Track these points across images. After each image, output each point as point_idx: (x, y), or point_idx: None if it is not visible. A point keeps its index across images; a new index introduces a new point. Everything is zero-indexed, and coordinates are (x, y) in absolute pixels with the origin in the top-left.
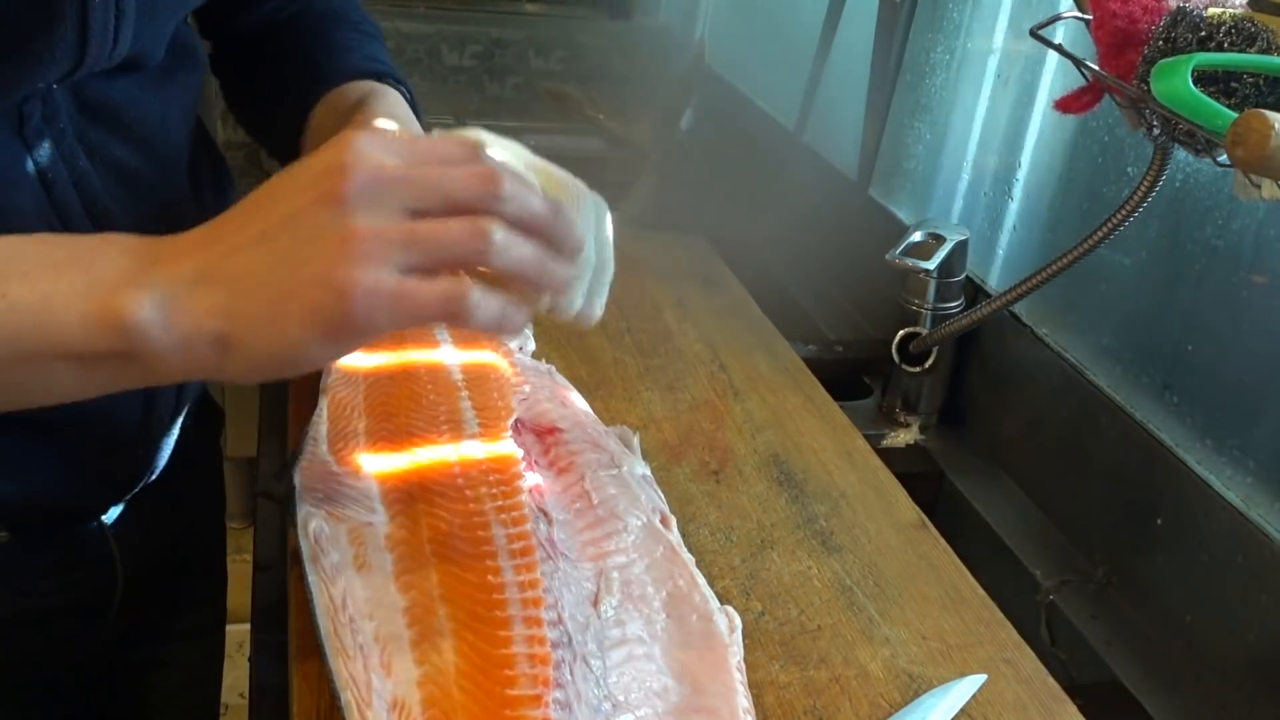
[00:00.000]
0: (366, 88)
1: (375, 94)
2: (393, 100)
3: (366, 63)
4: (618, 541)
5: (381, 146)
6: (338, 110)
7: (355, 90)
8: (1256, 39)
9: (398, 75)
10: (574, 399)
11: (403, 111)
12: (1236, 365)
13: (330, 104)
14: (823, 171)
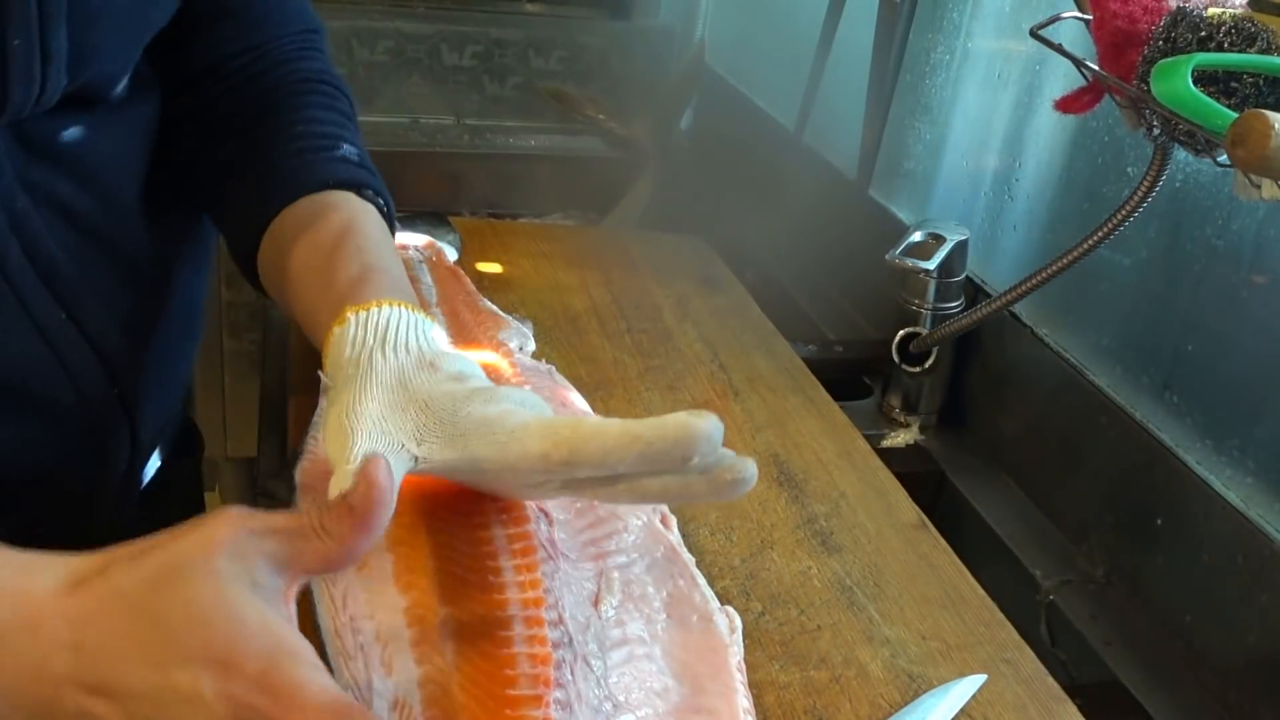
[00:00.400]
0: (348, 216)
1: (356, 231)
2: (381, 237)
3: (348, 168)
4: (618, 541)
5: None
6: (317, 239)
7: (336, 214)
8: (1256, 39)
9: (375, 184)
10: (574, 399)
11: (387, 253)
12: (1236, 365)
13: (303, 228)
14: (823, 171)
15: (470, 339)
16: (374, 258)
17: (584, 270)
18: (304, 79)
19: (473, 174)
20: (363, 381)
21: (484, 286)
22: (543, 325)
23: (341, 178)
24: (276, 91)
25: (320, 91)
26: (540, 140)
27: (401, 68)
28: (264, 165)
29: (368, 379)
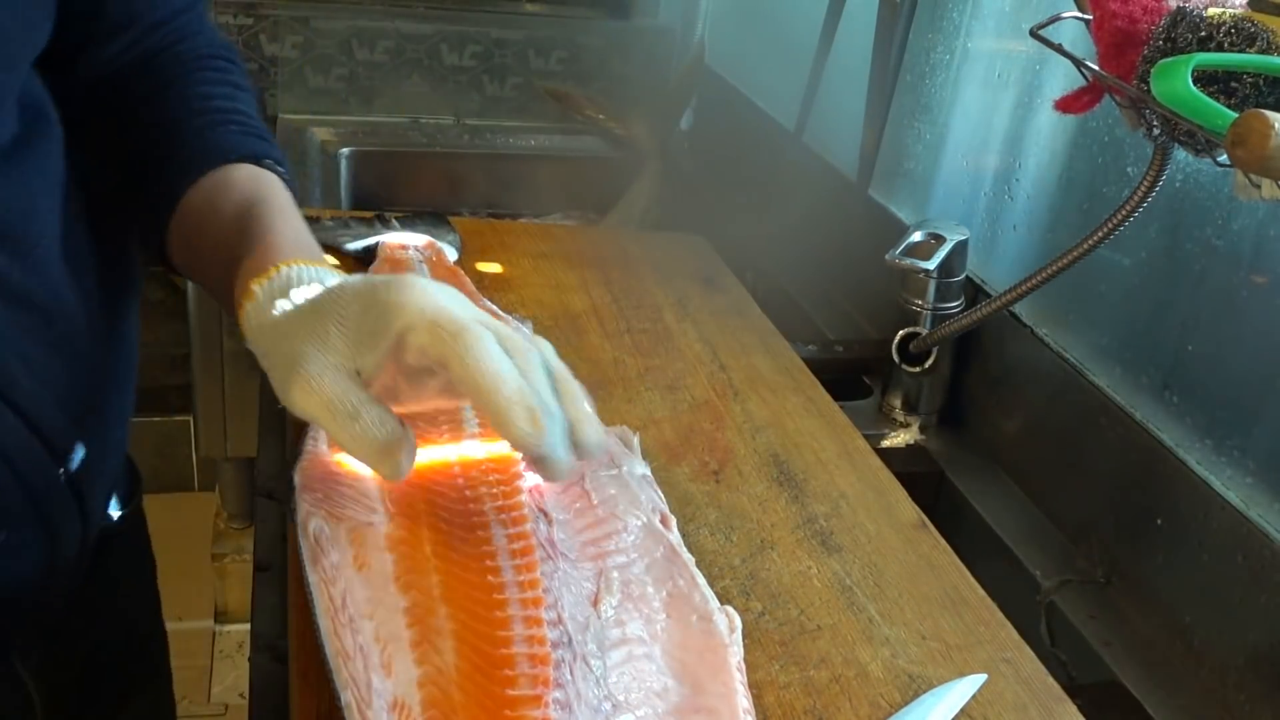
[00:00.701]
0: (250, 188)
1: (265, 202)
2: (284, 203)
3: (246, 140)
4: (618, 541)
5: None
6: (221, 215)
7: (237, 188)
8: (1256, 39)
9: (276, 154)
10: None
11: (295, 221)
12: (1236, 365)
13: (209, 200)
14: (823, 171)
15: None
16: (275, 226)
17: (584, 270)
18: (194, 57)
19: (473, 174)
20: (289, 330)
21: (484, 286)
22: (543, 325)
23: (242, 152)
24: (166, 75)
25: (211, 67)
26: (540, 140)
27: (401, 68)
28: (164, 150)
29: (295, 328)
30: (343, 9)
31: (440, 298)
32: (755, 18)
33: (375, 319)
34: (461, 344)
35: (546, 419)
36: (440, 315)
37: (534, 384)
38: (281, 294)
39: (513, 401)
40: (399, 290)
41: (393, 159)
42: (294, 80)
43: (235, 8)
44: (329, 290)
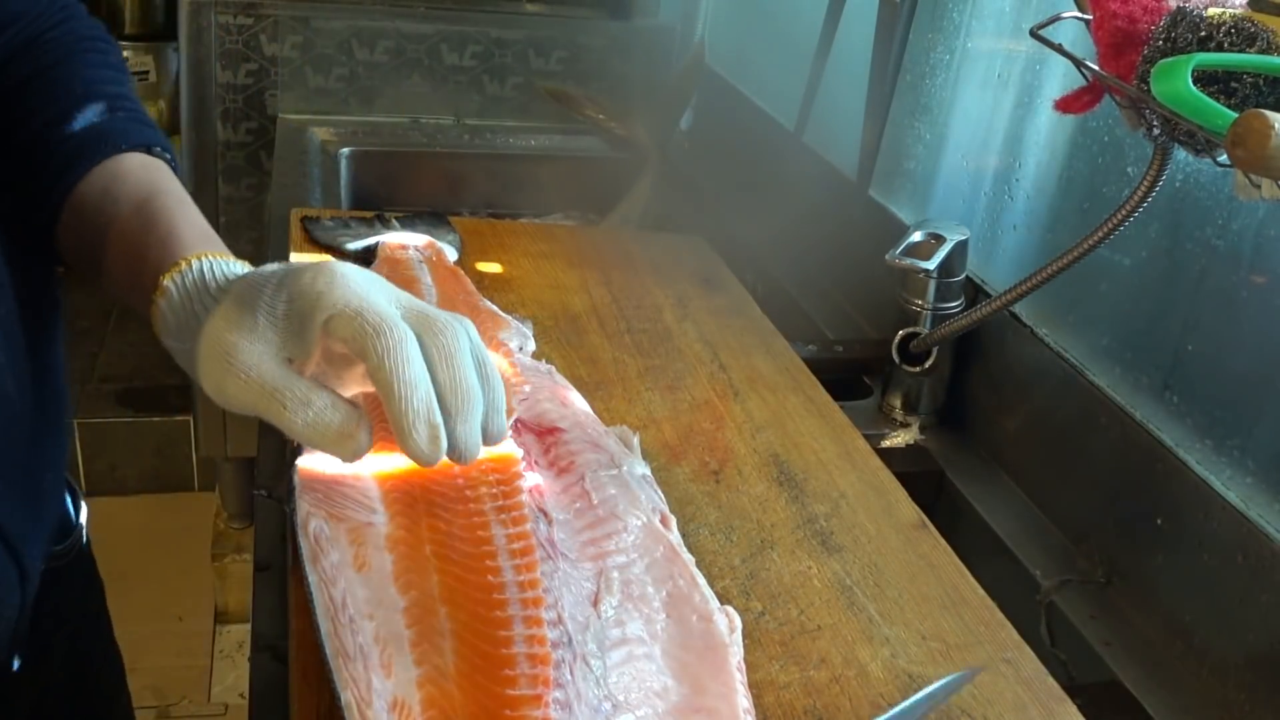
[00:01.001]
0: (145, 177)
1: (164, 193)
2: (180, 194)
3: (135, 128)
4: (618, 541)
5: None
6: (119, 206)
7: (132, 177)
8: (1256, 39)
9: (163, 141)
10: (574, 399)
11: (195, 214)
12: (1236, 365)
13: (106, 190)
14: (823, 171)
15: None
16: (177, 218)
17: (584, 270)
18: (72, 40)
19: (473, 174)
20: (213, 324)
21: (484, 286)
22: (543, 325)
23: (134, 140)
24: (45, 60)
25: (92, 49)
26: (540, 140)
27: (401, 68)
28: (51, 138)
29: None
30: (343, 9)
31: (364, 286)
32: (755, 18)
33: (302, 307)
34: (381, 343)
35: (461, 423)
36: (364, 307)
37: (457, 372)
38: (195, 287)
39: (418, 415)
40: (324, 278)
41: (393, 159)
42: (294, 80)
43: (235, 8)
44: (248, 279)
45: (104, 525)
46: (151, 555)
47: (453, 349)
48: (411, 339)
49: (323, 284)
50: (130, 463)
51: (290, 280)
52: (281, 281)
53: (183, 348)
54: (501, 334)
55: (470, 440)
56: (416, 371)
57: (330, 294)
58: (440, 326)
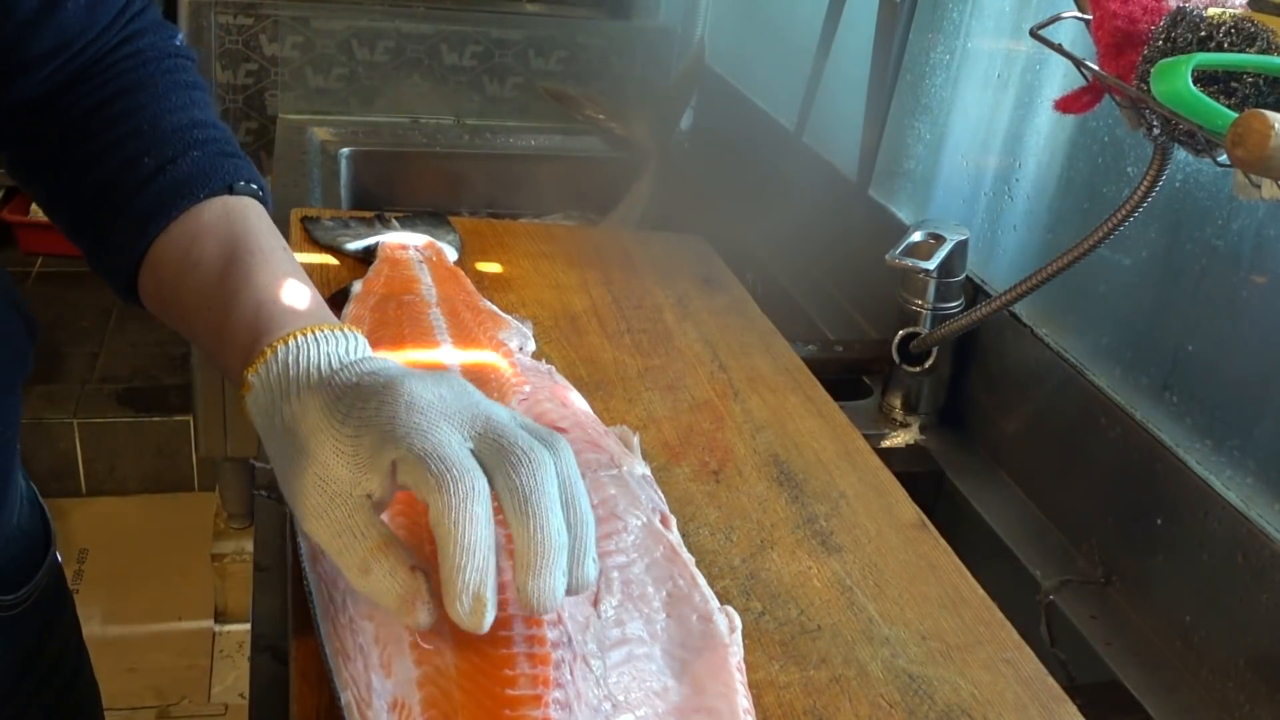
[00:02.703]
0: (225, 231)
1: (245, 250)
2: (263, 244)
3: (213, 166)
4: (617, 541)
5: None
6: (201, 270)
7: (212, 234)
8: (1256, 39)
9: (244, 170)
10: (574, 399)
11: (278, 263)
12: (1236, 365)
13: (185, 253)
14: (823, 172)
15: (470, 339)
16: (259, 283)
17: (584, 270)
18: (140, 65)
19: (473, 174)
20: (291, 448)
21: (484, 286)
22: (543, 325)
23: (212, 187)
24: (112, 88)
25: (166, 71)
26: (540, 140)
27: (401, 68)
28: (122, 189)
29: (295, 447)
30: (343, 9)
31: (434, 416)
32: (755, 18)
33: (371, 441)
34: (443, 499)
35: (533, 578)
36: (430, 450)
37: (535, 520)
38: (279, 385)
39: (466, 588)
40: (389, 406)
41: (393, 159)
42: (294, 80)
43: (235, 8)
44: (328, 394)
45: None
46: (151, 555)
47: (531, 490)
48: (481, 491)
49: (387, 415)
50: (130, 463)
51: (359, 407)
52: (350, 408)
53: (273, 455)
54: (501, 334)
55: (545, 598)
56: (479, 535)
57: (395, 430)
58: (517, 461)
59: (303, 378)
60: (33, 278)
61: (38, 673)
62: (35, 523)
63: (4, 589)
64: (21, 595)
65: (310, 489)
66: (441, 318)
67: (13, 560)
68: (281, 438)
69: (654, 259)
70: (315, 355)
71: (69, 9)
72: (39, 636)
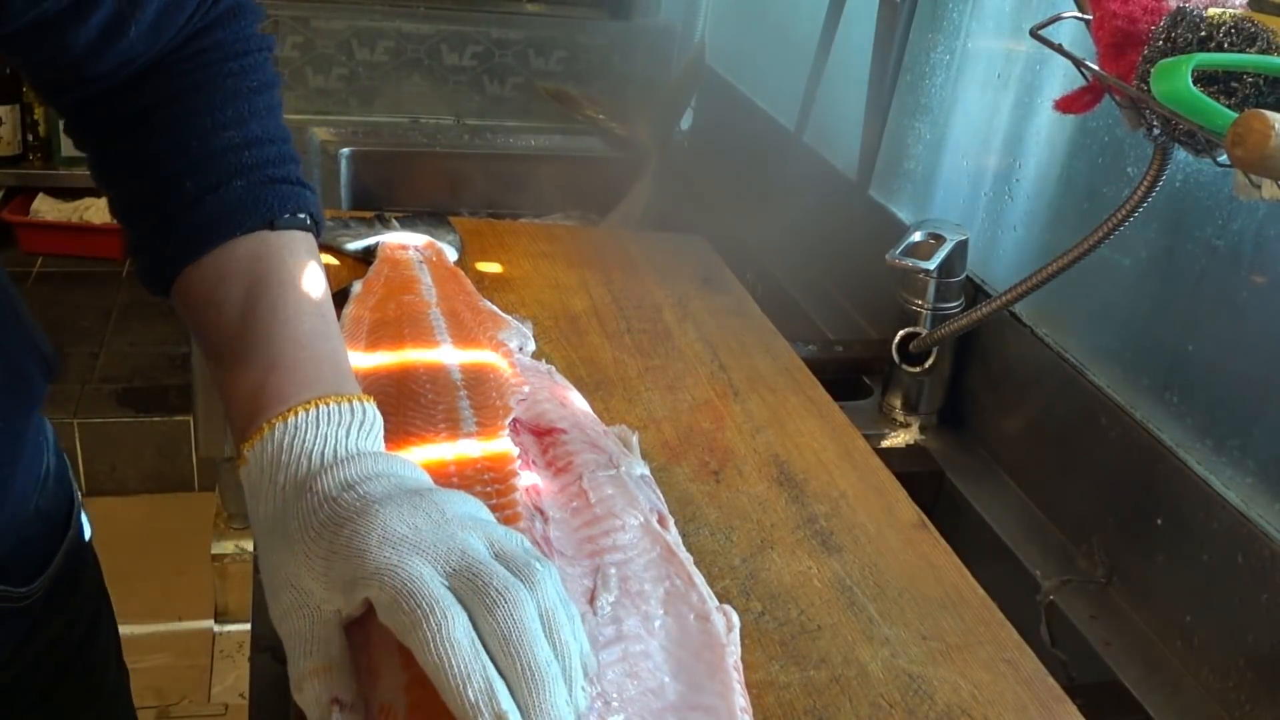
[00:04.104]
0: (250, 276)
1: (265, 302)
2: (285, 297)
3: (251, 197)
4: (615, 539)
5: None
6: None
7: (237, 278)
8: (1256, 39)
9: (290, 200)
10: (573, 399)
11: (297, 319)
12: (1236, 365)
13: (210, 292)
14: (823, 172)
15: (470, 339)
16: (272, 340)
17: (584, 270)
18: (212, 61)
19: (473, 174)
20: (268, 543)
21: (484, 286)
22: (543, 325)
23: (246, 225)
24: (165, 93)
25: (228, 75)
26: (540, 140)
27: (401, 68)
28: (160, 209)
29: (272, 543)
30: (343, 9)
31: (407, 547)
32: (755, 18)
33: (341, 574)
34: (421, 634)
35: (537, 713)
36: (402, 593)
37: (521, 657)
38: (270, 468)
39: (479, 711)
40: (360, 536)
41: (393, 159)
42: (294, 80)
43: None
44: (301, 511)
45: (104, 525)
46: (151, 555)
47: (511, 628)
48: (456, 618)
49: (358, 547)
50: (130, 463)
51: (330, 530)
52: (324, 528)
53: (255, 536)
54: (501, 334)
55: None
56: (466, 658)
57: (365, 565)
58: (494, 602)
59: (293, 465)
60: (33, 278)
61: (41, 642)
62: (59, 506)
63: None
64: (35, 588)
65: (284, 590)
66: (441, 318)
67: (25, 544)
68: (266, 524)
69: (654, 259)
70: (312, 439)
71: (131, 36)
72: (48, 615)
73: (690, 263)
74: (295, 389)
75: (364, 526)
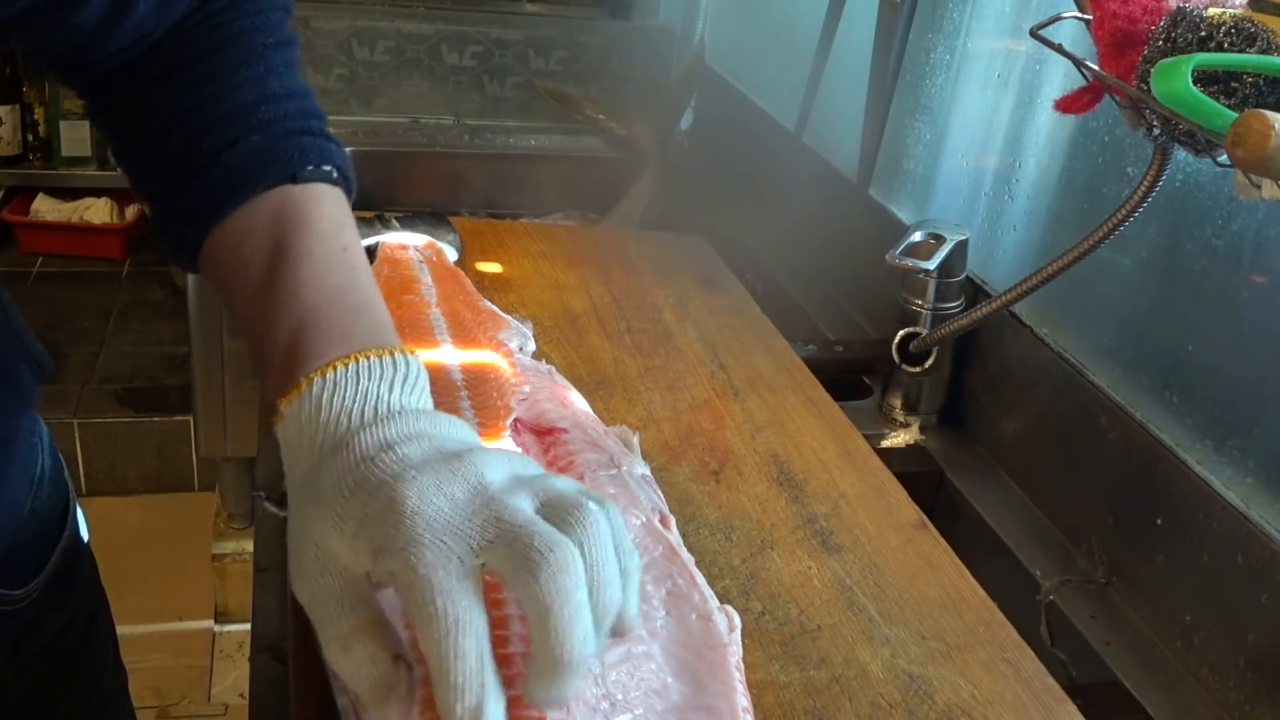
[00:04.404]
0: (276, 231)
1: (290, 257)
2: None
3: (275, 147)
4: None
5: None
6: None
7: (261, 231)
8: (1256, 39)
9: (311, 153)
10: (574, 399)
11: (323, 273)
12: (1236, 365)
13: (235, 249)
14: (823, 172)
15: (470, 339)
16: (298, 298)
17: (584, 270)
18: (224, 22)
19: (473, 174)
20: (298, 501)
21: (484, 286)
22: (543, 325)
23: (268, 180)
24: (176, 59)
25: (244, 30)
26: (540, 140)
27: (401, 68)
28: (185, 171)
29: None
30: (343, 9)
31: (437, 538)
32: (755, 18)
33: (369, 543)
34: (428, 632)
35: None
36: (423, 579)
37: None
38: (309, 425)
39: (458, 690)
40: (395, 512)
41: (393, 159)
42: None
43: None
44: (336, 471)
45: (104, 525)
46: (151, 555)
47: (550, 602)
48: (468, 623)
49: (392, 520)
50: (130, 463)
51: (363, 495)
52: (356, 490)
53: (291, 487)
54: (501, 334)
55: (552, 704)
56: (467, 671)
57: (396, 539)
58: (537, 561)
59: (332, 423)
60: (33, 278)
61: (37, 643)
62: (54, 507)
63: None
64: (29, 590)
65: (308, 548)
66: (441, 318)
67: (19, 547)
68: (300, 483)
69: (654, 259)
70: (352, 395)
71: (140, 10)
72: (43, 615)
73: (690, 263)
74: (330, 344)
75: (399, 495)
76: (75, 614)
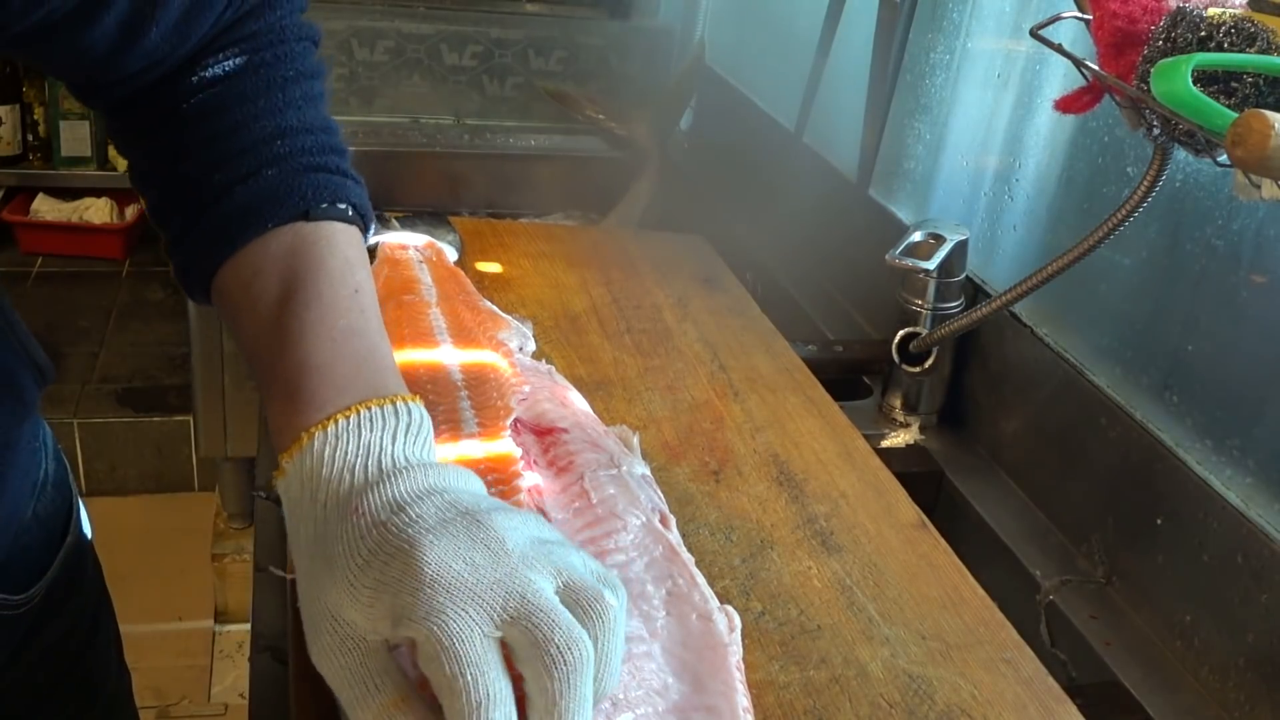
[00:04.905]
0: (287, 270)
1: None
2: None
3: (288, 184)
4: (617, 540)
5: None
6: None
7: (273, 271)
8: (1256, 39)
9: (331, 191)
10: (574, 399)
11: (333, 317)
12: (1236, 365)
13: (245, 287)
14: (823, 171)
15: (470, 339)
16: (305, 343)
17: (584, 270)
18: (249, 50)
19: (473, 174)
20: (309, 568)
21: (484, 286)
22: (543, 325)
23: (280, 217)
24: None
25: (266, 62)
26: (540, 140)
27: (401, 68)
28: (197, 203)
29: (313, 567)
30: (343, 9)
31: (461, 609)
32: (755, 18)
33: (387, 611)
34: (455, 706)
35: None
36: (448, 650)
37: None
38: (310, 481)
39: None
40: (414, 578)
41: (393, 159)
42: None
43: None
44: (345, 534)
45: (104, 525)
46: (151, 555)
47: (560, 700)
48: (497, 696)
49: (410, 586)
50: (130, 463)
51: (380, 560)
52: (372, 556)
53: (294, 558)
54: (501, 334)
55: None
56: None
57: (416, 608)
58: (555, 657)
59: (335, 480)
60: (33, 278)
61: (39, 648)
62: (57, 512)
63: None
64: (32, 594)
65: (323, 624)
66: (441, 318)
67: (22, 551)
68: (307, 547)
69: (654, 259)
70: (354, 450)
71: (153, 36)
72: (46, 620)
73: (690, 263)
74: (333, 392)
75: (417, 561)
76: (78, 618)
